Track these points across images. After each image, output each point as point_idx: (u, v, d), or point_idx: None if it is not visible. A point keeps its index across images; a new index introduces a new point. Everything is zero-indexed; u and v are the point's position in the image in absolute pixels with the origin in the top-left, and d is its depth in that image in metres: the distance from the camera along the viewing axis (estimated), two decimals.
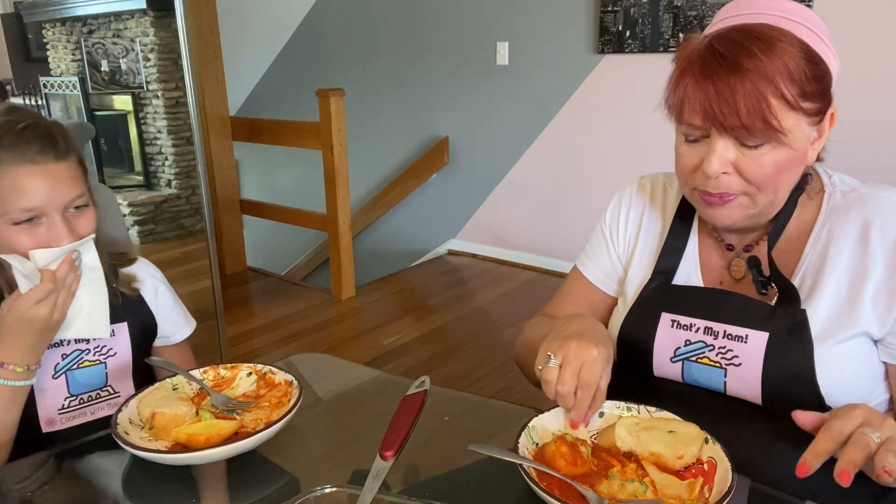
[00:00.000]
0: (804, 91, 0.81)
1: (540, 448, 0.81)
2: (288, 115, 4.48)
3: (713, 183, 0.85)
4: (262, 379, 1.00)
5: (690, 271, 0.99)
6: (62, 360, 1.08)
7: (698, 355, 0.93)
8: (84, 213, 1.02)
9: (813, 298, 0.88)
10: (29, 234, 0.97)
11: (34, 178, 0.96)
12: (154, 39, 5.54)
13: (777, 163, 0.83)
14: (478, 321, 3.41)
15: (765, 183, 0.84)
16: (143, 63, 5.61)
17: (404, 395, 0.85)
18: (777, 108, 0.80)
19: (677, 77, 0.85)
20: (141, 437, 0.87)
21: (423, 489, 0.81)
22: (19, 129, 0.96)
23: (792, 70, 0.80)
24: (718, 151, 0.83)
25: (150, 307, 1.18)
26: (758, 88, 0.79)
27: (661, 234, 1.03)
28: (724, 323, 0.91)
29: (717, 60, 0.81)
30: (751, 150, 0.82)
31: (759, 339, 0.88)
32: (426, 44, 4.33)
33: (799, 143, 0.84)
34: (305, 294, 3.82)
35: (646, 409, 0.87)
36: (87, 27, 6.04)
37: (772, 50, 0.80)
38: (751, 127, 0.80)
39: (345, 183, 3.54)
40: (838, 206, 0.91)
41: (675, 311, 0.96)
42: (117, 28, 5.80)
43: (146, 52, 5.58)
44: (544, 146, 3.98)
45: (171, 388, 0.98)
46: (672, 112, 0.87)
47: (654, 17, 3.36)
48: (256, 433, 0.83)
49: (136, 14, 5.55)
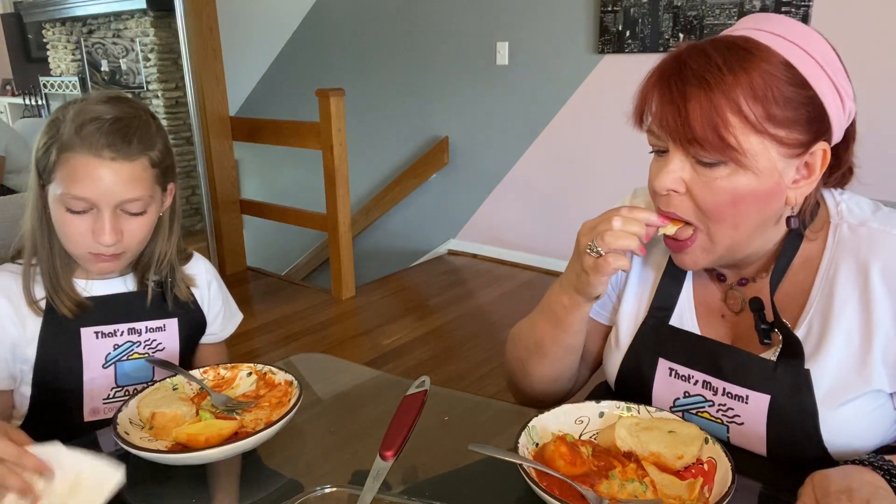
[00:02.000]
0: (770, 114, 0.75)
1: (540, 448, 0.81)
2: (288, 115, 4.48)
3: (663, 201, 0.81)
4: (262, 379, 1.00)
5: (685, 309, 0.93)
6: (114, 350, 1.09)
7: (699, 409, 0.89)
8: (138, 220, 1.03)
9: (819, 355, 0.81)
10: (78, 221, 0.99)
11: (93, 170, 0.97)
12: (154, 39, 5.56)
13: (734, 191, 0.77)
14: (478, 321, 3.41)
15: (717, 213, 0.78)
16: (143, 63, 5.62)
17: (404, 394, 0.85)
18: (735, 125, 0.74)
19: (646, 88, 0.82)
20: (141, 436, 0.86)
21: (423, 489, 0.81)
22: (102, 120, 0.98)
23: (757, 88, 0.74)
24: (671, 167, 0.79)
25: (202, 306, 1.19)
26: (712, 102, 0.74)
27: (661, 262, 0.97)
28: (723, 380, 0.86)
29: (681, 69, 0.77)
30: (707, 170, 0.77)
31: (760, 400, 0.83)
32: (426, 44, 4.33)
33: (764, 172, 0.76)
34: (305, 294, 3.82)
35: (646, 409, 0.86)
36: (87, 27, 6.05)
37: (741, 66, 0.75)
38: (703, 141, 0.75)
39: (345, 183, 3.54)
40: (845, 243, 0.83)
41: (672, 360, 0.91)
42: (117, 28, 5.81)
43: (146, 51, 5.60)
44: (544, 146, 3.98)
45: (171, 388, 0.98)
46: (634, 116, 0.84)
47: (654, 17, 3.36)
48: (256, 433, 0.83)
49: (136, 14, 5.57)
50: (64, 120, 0.99)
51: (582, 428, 0.86)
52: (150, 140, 1.03)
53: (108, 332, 1.08)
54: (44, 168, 1.01)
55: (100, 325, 1.08)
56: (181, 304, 1.15)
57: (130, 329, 1.10)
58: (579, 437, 0.85)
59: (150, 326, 1.12)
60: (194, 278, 1.19)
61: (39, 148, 1.01)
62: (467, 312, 3.52)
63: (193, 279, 1.18)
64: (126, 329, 1.10)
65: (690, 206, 0.80)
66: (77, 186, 0.97)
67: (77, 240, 1.00)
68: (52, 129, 1.00)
